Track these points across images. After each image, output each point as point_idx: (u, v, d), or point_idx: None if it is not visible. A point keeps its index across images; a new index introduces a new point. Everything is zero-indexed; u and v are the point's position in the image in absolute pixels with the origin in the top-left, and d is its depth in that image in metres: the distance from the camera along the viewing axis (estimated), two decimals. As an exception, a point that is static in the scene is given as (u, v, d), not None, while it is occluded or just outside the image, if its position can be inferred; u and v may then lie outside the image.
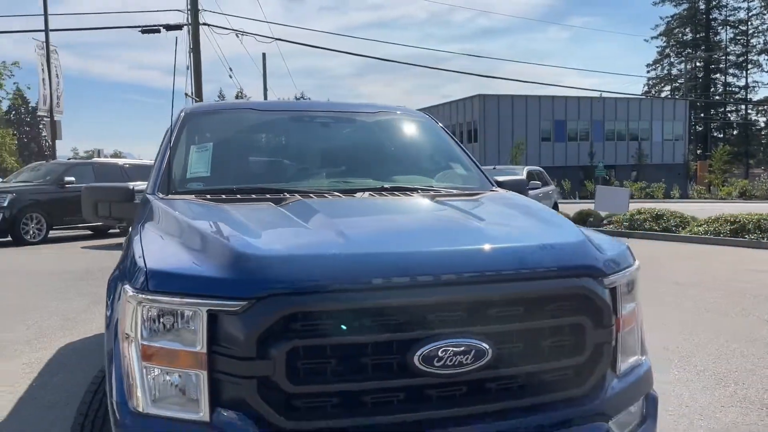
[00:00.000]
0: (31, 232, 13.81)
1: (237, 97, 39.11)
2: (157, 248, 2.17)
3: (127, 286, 1.97)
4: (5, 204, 13.24)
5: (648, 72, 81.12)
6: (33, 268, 10.14)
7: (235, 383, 1.82)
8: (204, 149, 3.41)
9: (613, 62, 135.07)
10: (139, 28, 24.90)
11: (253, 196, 2.85)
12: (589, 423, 2.04)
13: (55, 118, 22.60)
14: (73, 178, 14.15)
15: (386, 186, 3.11)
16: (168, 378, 1.89)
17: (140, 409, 1.89)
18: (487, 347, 1.90)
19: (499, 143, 51.78)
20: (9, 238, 13.58)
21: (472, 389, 1.96)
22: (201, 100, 24.56)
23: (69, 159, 25.04)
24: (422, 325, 1.88)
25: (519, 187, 3.74)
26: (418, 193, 3.02)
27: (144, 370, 1.89)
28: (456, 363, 1.87)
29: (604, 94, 56.37)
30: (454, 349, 1.86)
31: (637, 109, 57.47)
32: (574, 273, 2.08)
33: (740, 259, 10.19)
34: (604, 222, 16.44)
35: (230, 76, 45.64)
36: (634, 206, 15.55)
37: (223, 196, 2.84)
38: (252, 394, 1.80)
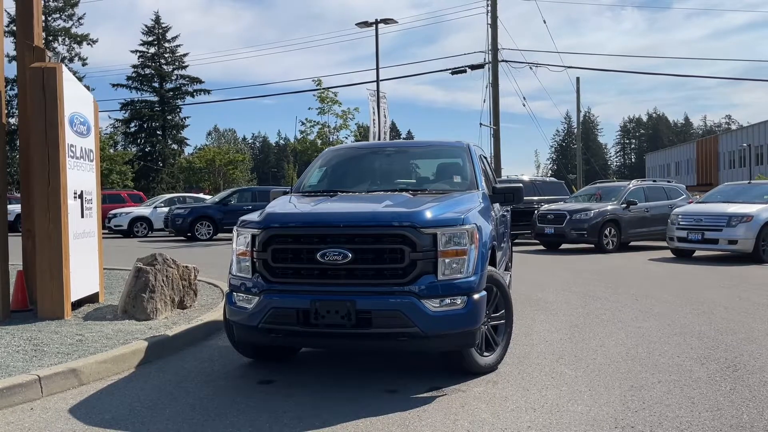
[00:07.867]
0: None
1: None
2: (253, 212, 5.05)
3: (234, 227, 4.90)
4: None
5: None
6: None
7: (257, 263, 4.56)
8: (321, 170, 6.25)
9: None
10: (449, 70, 29.57)
11: (323, 193, 5.55)
12: (404, 294, 4.24)
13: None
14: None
15: (398, 188, 5.50)
16: (241, 262, 4.73)
17: (233, 273, 4.78)
18: (350, 254, 4.28)
19: None
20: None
21: (347, 272, 4.36)
22: (498, 128, 27.78)
23: None
24: (323, 243, 4.37)
25: (513, 191, 5.65)
26: (408, 191, 5.32)
27: (235, 259, 4.77)
28: (334, 259, 4.31)
29: None
30: (334, 252, 4.31)
31: None
32: (401, 225, 4.32)
33: None
34: None
35: (524, 105, 51.63)
36: None
37: (312, 193, 5.63)
38: (261, 266, 4.53)
